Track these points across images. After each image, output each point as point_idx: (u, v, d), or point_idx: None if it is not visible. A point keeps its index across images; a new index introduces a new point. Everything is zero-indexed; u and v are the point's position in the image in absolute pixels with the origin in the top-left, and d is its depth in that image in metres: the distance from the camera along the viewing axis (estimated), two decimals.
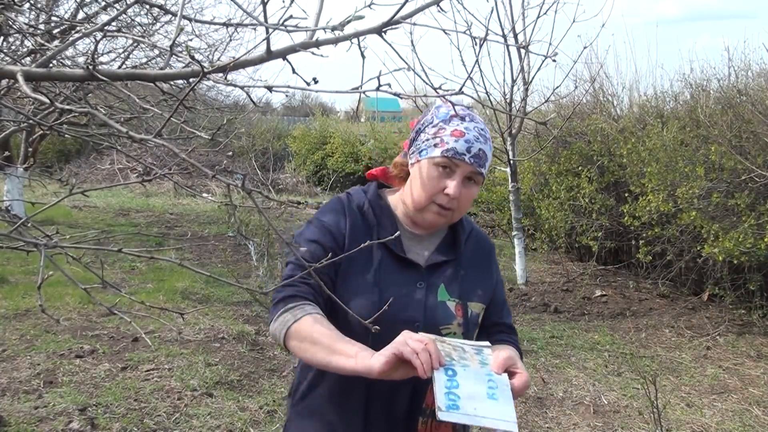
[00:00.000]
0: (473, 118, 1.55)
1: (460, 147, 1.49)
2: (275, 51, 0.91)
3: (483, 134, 1.53)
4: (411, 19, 0.93)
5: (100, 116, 0.90)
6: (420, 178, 1.54)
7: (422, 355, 1.27)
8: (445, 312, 1.56)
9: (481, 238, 1.75)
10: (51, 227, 1.81)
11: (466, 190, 1.53)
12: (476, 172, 1.51)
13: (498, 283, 1.74)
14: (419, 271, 1.58)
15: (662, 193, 6.03)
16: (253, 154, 15.94)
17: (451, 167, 1.50)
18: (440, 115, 1.55)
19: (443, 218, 1.56)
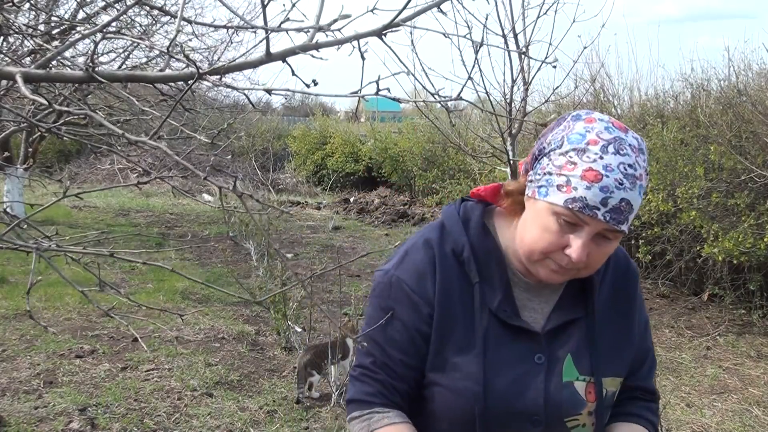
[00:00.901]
0: (621, 146, 1.08)
1: (592, 198, 1.06)
2: (275, 53, 0.91)
3: (632, 173, 1.07)
4: (411, 21, 0.93)
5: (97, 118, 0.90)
6: (535, 224, 1.13)
7: None
8: (572, 397, 1.17)
9: (621, 267, 1.29)
10: (51, 227, 1.81)
11: (599, 248, 1.11)
12: (612, 229, 1.09)
13: (642, 330, 1.30)
14: (537, 339, 1.18)
15: (662, 192, 6.03)
16: (253, 154, 15.94)
17: (577, 223, 1.09)
18: (572, 139, 1.09)
19: (564, 278, 1.16)
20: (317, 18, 0.94)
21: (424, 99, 1.31)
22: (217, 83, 0.91)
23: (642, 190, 1.11)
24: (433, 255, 1.20)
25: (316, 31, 0.89)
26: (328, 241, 9.70)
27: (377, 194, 14.45)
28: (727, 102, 6.21)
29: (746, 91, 6.22)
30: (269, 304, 5.26)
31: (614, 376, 1.21)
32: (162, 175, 1.28)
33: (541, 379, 1.16)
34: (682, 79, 7.37)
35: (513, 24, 6.42)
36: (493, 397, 1.14)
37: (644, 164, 1.10)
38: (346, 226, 11.25)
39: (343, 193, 15.34)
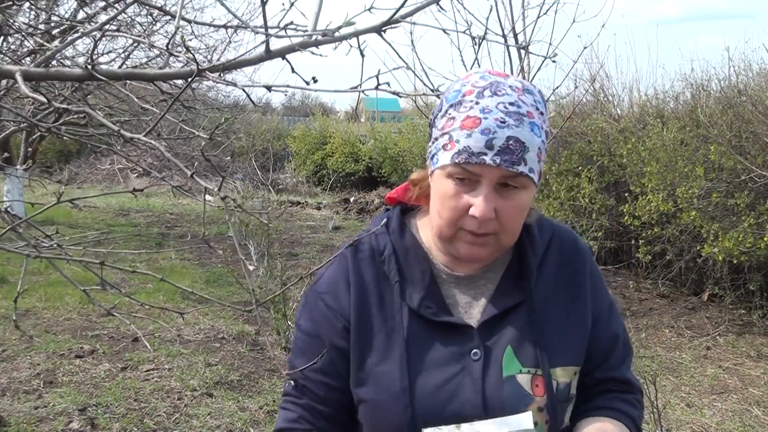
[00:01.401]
0: (498, 88, 1.01)
1: (475, 144, 0.98)
2: (274, 50, 0.91)
3: (515, 110, 1.00)
4: (410, 18, 0.93)
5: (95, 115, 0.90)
6: (436, 196, 1.07)
7: None
8: (515, 393, 1.06)
9: (567, 246, 1.18)
10: (51, 227, 1.81)
11: (506, 201, 1.02)
12: (510, 174, 1.00)
13: (601, 312, 1.16)
14: (470, 334, 1.08)
15: (662, 192, 6.03)
16: (253, 154, 15.93)
17: (471, 177, 1.01)
18: (449, 97, 1.04)
19: (484, 248, 1.06)
20: (315, 18, 0.94)
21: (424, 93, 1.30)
22: (217, 80, 0.91)
23: (537, 128, 1.02)
24: (346, 264, 1.13)
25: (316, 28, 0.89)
26: (328, 241, 9.70)
27: (377, 194, 14.45)
28: (727, 102, 6.21)
29: (746, 91, 6.22)
30: (269, 304, 5.26)
31: (566, 365, 1.08)
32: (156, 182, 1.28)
33: (477, 377, 1.05)
34: (682, 79, 7.38)
35: (513, 24, 6.41)
36: (421, 404, 1.04)
37: (534, 103, 1.03)
38: (346, 226, 11.26)
39: (343, 193, 15.33)
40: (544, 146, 1.06)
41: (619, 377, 1.16)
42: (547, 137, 1.07)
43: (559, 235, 1.19)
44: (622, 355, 1.18)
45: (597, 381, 1.15)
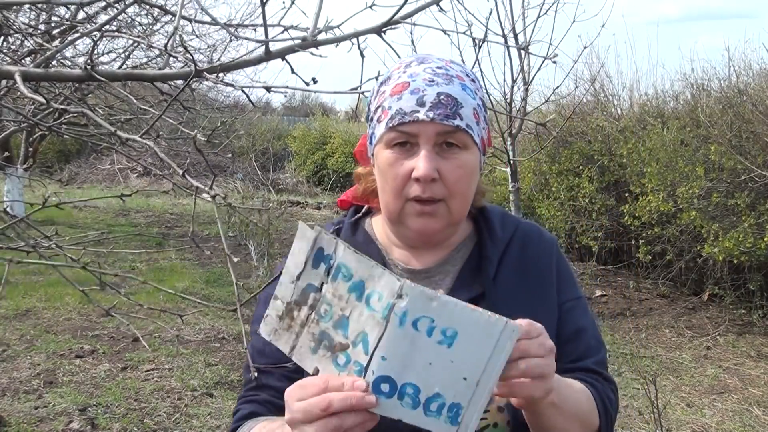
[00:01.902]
0: (425, 59, 1.04)
1: (406, 104, 0.98)
2: (274, 51, 0.91)
3: (443, 72, 1.01)
4: (411, 19, 0.93)
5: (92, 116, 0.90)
6: (380, 173, 1.05)
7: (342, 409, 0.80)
8: None
9: (530, 239, 1.15)
10: (51, 228, 1.81)
11: (448, 161, 1.00)
12: (447, 130, 0.98)
13: (565, 304, 1.13)
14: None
15: (662, 192, 6.03)
16: (253, 154, 15.94)
17: (409, 141, 1.00)
18: (380, 80, 1.07)
19: (434, 219, 1.03)
20: (315, 18, 0.94)
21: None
22: (217, 81, 0.91)
23: (470, 90, 1.02)
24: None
25: (315, 27, 0.89)
26: None
27: None
28: (728, 102, 6.21)
29: (746, 91, 6.22)
30: None
31: None
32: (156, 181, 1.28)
33: None
34: (682, 79, 7.38)
35: (513, 24, 6.41)
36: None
37: (463, 71, 1.04)
38: None
39: (342, 193, 15.34)
40: (482, 111, 1.04)
41: (584, 367, 1.11)
42: (485, 111, 1.06)
43: (523, 228, 1.17)
44: (590, 349, 1.13)
45: (562, 371, 1.06)
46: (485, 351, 0.83)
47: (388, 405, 0.83)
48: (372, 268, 0.82)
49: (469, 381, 0.83)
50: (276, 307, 0.89)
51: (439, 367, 0.83)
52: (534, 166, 7.99)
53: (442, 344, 0.82)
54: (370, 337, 0.82)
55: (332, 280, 0.84)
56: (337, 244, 0.83)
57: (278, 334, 0.89)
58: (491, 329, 0.82)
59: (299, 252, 0.86)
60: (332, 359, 0.85)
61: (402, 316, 0.81)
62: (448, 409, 0.84)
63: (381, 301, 0.81)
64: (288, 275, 0.87)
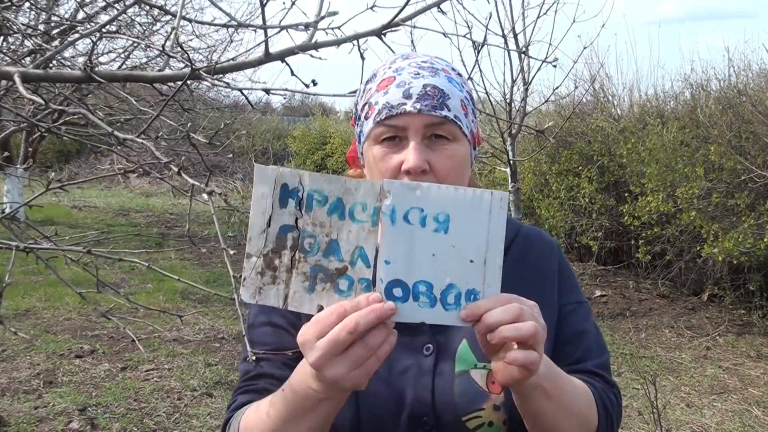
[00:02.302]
0: (410, 55, 1.05)
1: (393, 98, 0.98)
2: (273, 53, 0.91)
3: (428, 66, 1.01)
4: (411, 21, 0.92)
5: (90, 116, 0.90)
6: (368, 172, 1.05)
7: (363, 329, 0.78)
8: (468, 389, 0.99)
9: (531, 242, 1.15)
10: (50, 227, 1.81)
11: (438, 153, 0.99)
12: (435, 121, 0.97)
13: (565, 306, 1.11)
14: (421, 327, 1.02)
15: (662, 193, 6.03)
16: (253, 154, 15.94)
17: (397, 134, 0.99)
18: (365, 80, 1.07)
19: None
20: (317, 15, 0.94)
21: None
22: (216, 82, 0.90)
23: (456, 83, 1.01)
24: None
25: (316, 29, 0.89)
26: None
27: None
28: (727, 102, 6.21)
29: (746, 91, 6.22)
30: None
31: None
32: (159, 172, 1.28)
33: (428, 372, 1.00)
34: (682, 79, 7.38)
35: (513, 24, 6.42)
36: (367, 404, 0.98)
37: (449, 66, 1.04)
38: None
39: None
40: (470, 105, 1.03)
41: (585, 369, 1.07)
42: (473, 104, 1.05)
43: (525, 232, 1.16)
44: (591, 351, 1.10)
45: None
46: (482, 227, 0.82)
47: (406, 309, 0.81)
48: (345, 182, 0.79)
49: (476, 262, 0.82)
50: (252, 265, 0.83)
51: (442, 255, 0.81)
52: (534, 167, 7.99)
53: (438, 231, 0.81)
54: (366, 248, 0.81)
55: (307, 210, 0.81)
56: (301, 173, 0.80)
57: (264, 292, 0.83)
58: (480, 203, 0.81)
59: (262, 197, 0.81)
60: (334, 288, 0.82)
61: (391, 214, 0.80)
62: (465, 297, 0.82)
63: (366, 210, 0.80)
64: (255, 228, 0.82)
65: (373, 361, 0.80)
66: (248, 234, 0.82)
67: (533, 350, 0.82)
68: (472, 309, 0.81)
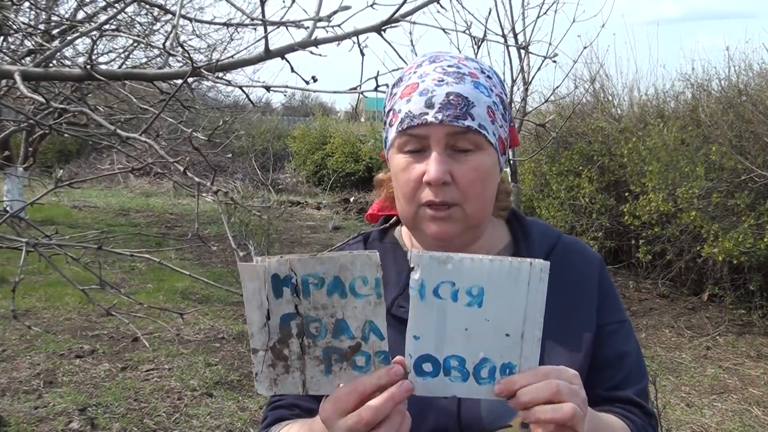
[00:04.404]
0: (437, 57, 1.01)
1: (415, 107, 0.95)
2: (274, 50, 0.91)
3: (454, 71, 0.97)
4: (410, 17, 0.92)
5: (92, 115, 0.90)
6: (393, 179, 1.04)
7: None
8: (495, 404, 0.94)
9: (571, 255, 1.10)
10: (51, 227, 1.81)
11: (461, 164, 0.96)
12: (458, 131, 0.94)
13: (607, 326, 1.06)
14: None
15: (662, 192, 6.03)
16: (253, 154, 15.93)
17: (420, 144, 0.97)
18: (393, 83, 1.04)
19: (449, 223, 0.98)
20: (317, 12, 0.94)
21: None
22: (216, 80, 0.90)
23: (483, 87, 0.98)
24: None
25: (315, 26, 0.88)
26: (328, 241, 9.70)
27: (377, 194, 14.41)
28: (728, 102, 6.21)
29: (747, 91, 6.21)
30: None
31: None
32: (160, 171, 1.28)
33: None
34: (683, 79, 7.37)
35: (513, 24, 6.42)
36: None
37: (478, 67, 1.00)
38: (346, 226, 11.25)
39: (343, 193, 15.33)
40: (499, 109, 1.00)
41: (624, 397, 1.04)
42: (504, 108, 1.02)
43: (565, 242, 1.12)
44: (631, 376, 1.06)
45: (600, 399, 1.02)
46: (519, 299, 0.78)
47: (437, 384, 0.79)
48: (339, 259, 0.77)
49: (513, 336, 0.78)
50: (261, 359, 0.82)
51: (476, 330, 0.78)
52: (534, 167, 7.99)
53: (471, 306, 0.77)
54: (376, 322, 0.78)
55: (305, 296, 0.78)
56: (290, 259, 0.77)
57: (280, 382, 0.82)
58: (517, 274, 0.77)
59: (254, 292, 0.79)
60: (351, 366, 0.80)
61: (420, 289, 0.77)
62: (500, 371, 0.79)
63: (368, 284, 0.77)
64: (255, 323, 0.81)
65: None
66: (249, 330, 0.81)
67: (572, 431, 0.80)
68: (507, 384, 0.79)
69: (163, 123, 4.95)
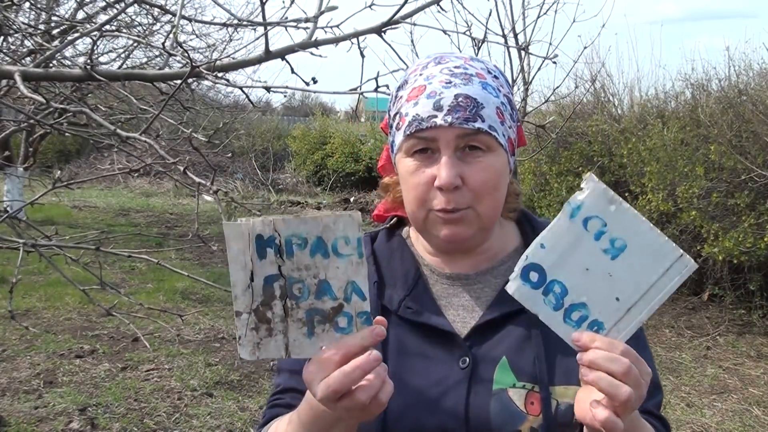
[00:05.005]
0: (443, 58, 0.98)
1: (423, 110, 0.93)
2: (274, 51, 0.91)
3: (461, 72, 0.95)
4: (410, 19, 0.92)
5: (92, 115, 0.90)
6: (403, 182, 1.00)
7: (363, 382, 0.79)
8: (505, 409, 0.94)
9: None
10: (51, 227, 1.81)
11: (471, 166, 0.94)
12: (468, 132, 0.92)
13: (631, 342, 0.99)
14: (458, 340, 0.98)
15: (662, 192, 6.03)
16: (253, 154, 15.93)
17: (429, 146, 0.94)
18: (397, 85, 1.02)
19: (462, 226, 0.96)
20: (316, 13, 0.94)
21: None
22: (216, 80, 0.91)
23: (492, 88, 0.96)
24: None
25: (315, 27, 0.89)
26: None
27: (378, 194, 14.40)
28: (728, 102, 6.21)
29: (747, 91, 6.22)
30: None
31: (570, 383, 0.94)
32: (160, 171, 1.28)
33: (462, 387, 0.95)
34: (683, 79, 7.37)
35: (513, 24, 6.41)
36: (395, 416, 0.95)
37: (485, 68, 0.98)
38: None
39: (343, 193, 15.34)
40: (507, 110, 0.98)
41: (645, 410, 0.99)
42: (512, 108, 1.00)
43: None
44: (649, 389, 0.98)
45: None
46: (650, 275, 0.77)
47: (530, 295, 0.79)
48: (322, 219, 0.77)
49: (621, 302, 0.77)
50: (244, 322, 0.81)
51: (594, 276, 0.77)
52: (534, 167, 7.99)
53: (606, 253, 0.77)
54: (358, 281, 0.79)
55: (288, 257, 0.78)
56: (274, 220, 0.77)
57: (263, 347, 0.82)
58: (665, 254, 0.76)
59: (238, 253, 0.78)
60: (334, 328, 0.80)
61: (575, 209, 0.78)
62: (589, 325, 0.79)
63: (350, 243, 0.77)
64: (239, 285, 0.80)
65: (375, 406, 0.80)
66: (233, 292, 0.80)
67: (619, 417, 0.79)
68: (589, 338, 0.79)
69: (163, 123, 4.95)
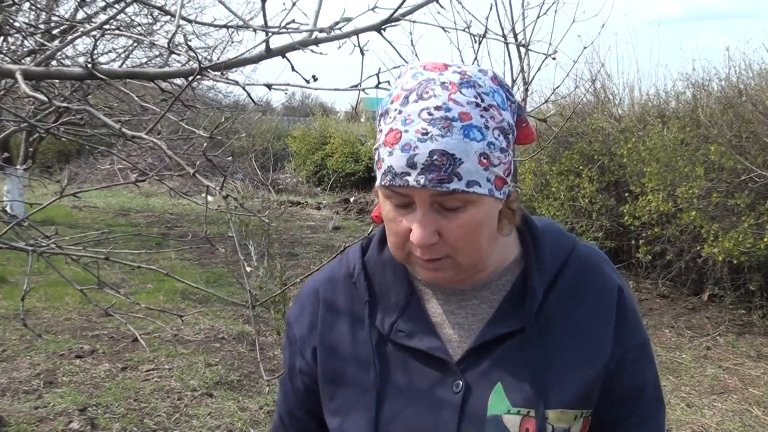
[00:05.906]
0: (426, 89, 0.85)
1: (397, 164, 0.84)
2: (274, 49, 0.91)
3: (441, 116, 0.83)
4: (410, 16, 0.92)
5: (95, 113, 0.90)
6: (385, 220, 0.94)
7: None
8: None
9: (588, 265, 0.98)
10: (51, 228, 1.81)
11: (449, 221, 0.87)
12: (442, 193, 0.84)
13: (627, 352, 0.96)
14: (451, 364, 0.93)
15: (662, 192, 6.03)
16: (253, 154, 15.91)
17: (405, 201, 0.88)
18: (384, 103, 0.91)
19: (443, 273, 0.91)
20: (315, 16, 0.94)
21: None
22: (219, 79, 0.91)
23: (475, 130, 0.84)
24: (315, 285, 1.04)
25: (315, 27, 0.88)
26: (328, 241, 9.70)
27: (375, 194, 14.39)
28: (728, 102, 6.22)
29: (747, 91, 6.22)
30: (269, 305, 5.26)
31: (565, 407, 0.90)
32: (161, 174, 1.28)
33: (455, 413, 0.90)
34: (683, 79, 7.38)
35: (513, 24, 6.40)
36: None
37: (475, 98, 0.85)
38: (346, 226, 11.26)
39: (343, 193, 15.34)
40: (500, 143, 0.87)
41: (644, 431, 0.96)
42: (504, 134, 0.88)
43: (580, 255, 0.99)
44: (647, 412, 0.97)
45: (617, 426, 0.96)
46: None
47: None
48: None
49: None
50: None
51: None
52: (534, 167, 7.99)
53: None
54: None
55: None
56: None
57: None
58: None
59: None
60: None
61: None
62: None
63: None
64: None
65: None
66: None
67: None
68: None
69: (164, 122, 4.95)
